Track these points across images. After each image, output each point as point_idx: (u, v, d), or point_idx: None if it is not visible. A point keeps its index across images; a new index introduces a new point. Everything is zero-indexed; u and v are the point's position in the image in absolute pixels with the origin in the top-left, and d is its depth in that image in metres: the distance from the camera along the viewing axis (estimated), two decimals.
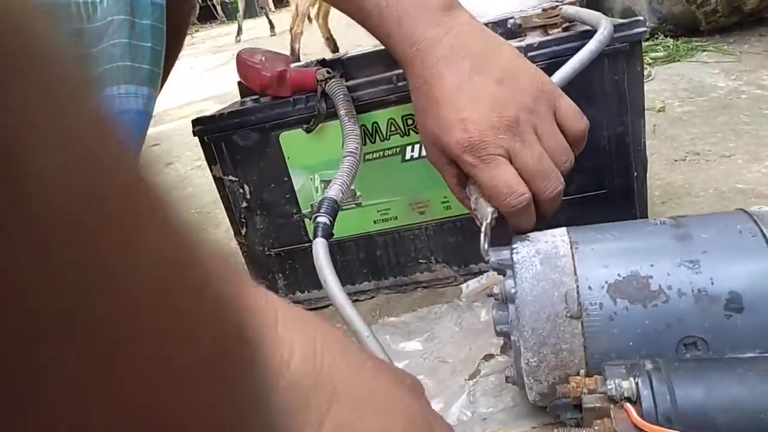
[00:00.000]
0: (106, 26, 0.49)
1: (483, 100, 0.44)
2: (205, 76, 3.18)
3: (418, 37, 0.46)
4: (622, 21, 0.53)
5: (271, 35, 4.79)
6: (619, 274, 0.37)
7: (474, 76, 0.45)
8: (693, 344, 0.35)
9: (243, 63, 0.59)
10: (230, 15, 7.01)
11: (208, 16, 6.99)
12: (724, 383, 0.31)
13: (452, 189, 0.50)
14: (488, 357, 0.50)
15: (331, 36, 2.60)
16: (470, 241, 0.62)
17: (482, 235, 0.43)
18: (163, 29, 0.53)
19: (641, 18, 0.54)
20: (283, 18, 6.17)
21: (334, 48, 2.29)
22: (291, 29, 2.55)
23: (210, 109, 2.07)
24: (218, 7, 7.01)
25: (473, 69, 0.45)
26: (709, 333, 0.35)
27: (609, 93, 0.55)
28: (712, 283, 0.35)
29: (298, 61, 0.70)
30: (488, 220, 0.43)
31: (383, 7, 0.47)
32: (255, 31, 5.39)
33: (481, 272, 0.63)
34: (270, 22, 5.01)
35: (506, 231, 0.45)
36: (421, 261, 0.64)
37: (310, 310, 0.67)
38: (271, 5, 7.34)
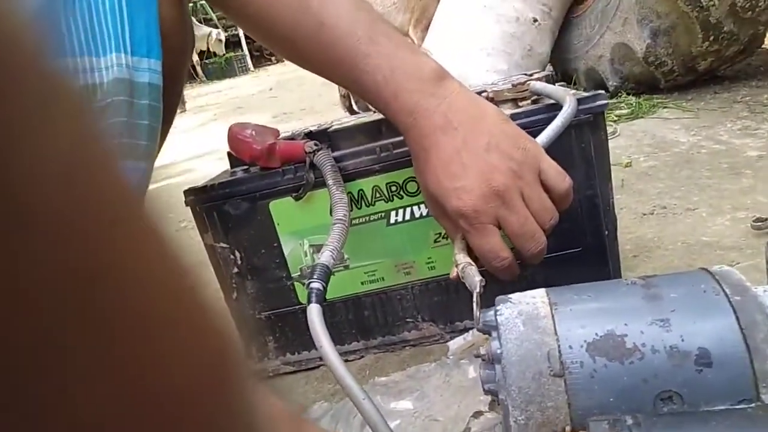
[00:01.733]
0: (107, 106, 0.52)
1: (474, 169, 0.49)
2: (187, 136, 3.22)
3: (414, 108, 0.51)
4: (585, 95, 0.58)
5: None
6: (596, 333, 0.40)
7: (467, 144, 0.49)
8: (669, 398, 0.37)
9: (234, 137, 0.62)
10: (210, 75, 7.16)
11: (188, 77, 7.14)
12: None
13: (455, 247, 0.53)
14: (477, 414, 0.51)
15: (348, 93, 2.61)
16: (455, 299, 0.65)
17: (474, 305, 0.46)
18: (160, 108, 0.56)
19: (602, 92, 0.59)
20: (261, 77, 6.33)
21: (350, 105, 2.29)
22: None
23: (193, 168, 2.10)
24: (198, 68, 7.16)
25: (464, 138, 0.49)
26: (683, 387, 0.37)
27: (577, 160, 0.59)
28: (683, 340, 0.38)
29: (351, 107, 0.73)
30: (478, 289, 0.46)
31: (380, 83, 0.51)
32: (235, 90, 5.50)
33: (466, 329, 0.65)
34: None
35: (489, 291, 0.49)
36: (408, 320, 0.66)
37: (301, 371, 0.68)
38: (251, 65, 7.54)
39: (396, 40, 0.53)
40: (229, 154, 0.67)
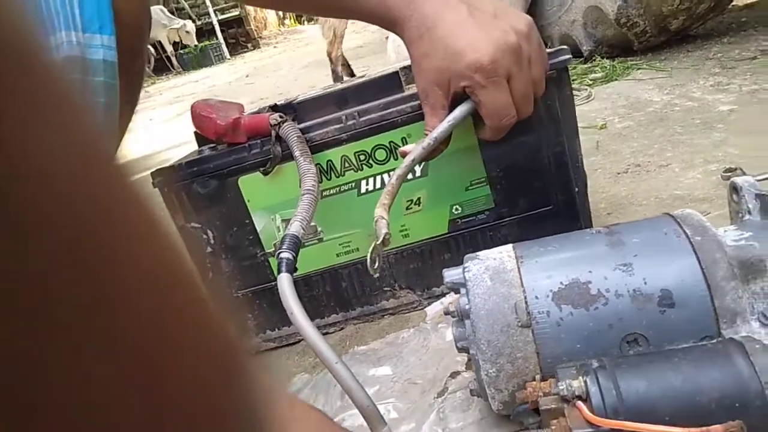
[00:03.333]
0: None
1: (487, 28, 0.50)
2: (164, 126, 3.18)
3: None
4: (548, 50, 0.57)
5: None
6: (561, 283, 0.40)
7: (473, 13, 0.51)
8: (634, 341, 0.38)
9: (197, 114, 0.61)
10: (186, 65, 7.05)
11: (163, 69, 7.02)
12: (662, 373, 0.34)
13: (431, 124, 0.53)
14: (455, 374, 0.52)
15: (347, 61, 2.55)
16: (430, 265, 0.65)
17: (369, 253, 0.46)
18: (116, 84, 0.55)
19: (565, 47, 0.58)
20: (238, 65, 6.24)
21: (350, 73, 2.23)
22: (329, 54, 2.45)
23: (172, 157, 2.08)
24: (173, 59, 7.05)
25: (470, 9, 0.51)
26: (647, 329, 0.38)
27: (544, 117, 0.59)
28: (645, 283, 0.38)
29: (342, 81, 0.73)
30: (381, 240, 0.47)
31: None
32: (211, 79, 5.43)
33: (443, 294, 0.65)
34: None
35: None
36: (385, 289, 0.66)
37: (281, 347, 0.68)
38: (227, 54, 7.43)
39: None
40: (195, 133, 0.66)
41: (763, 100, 1.07)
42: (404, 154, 0.54)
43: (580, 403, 0.35)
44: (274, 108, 0.62)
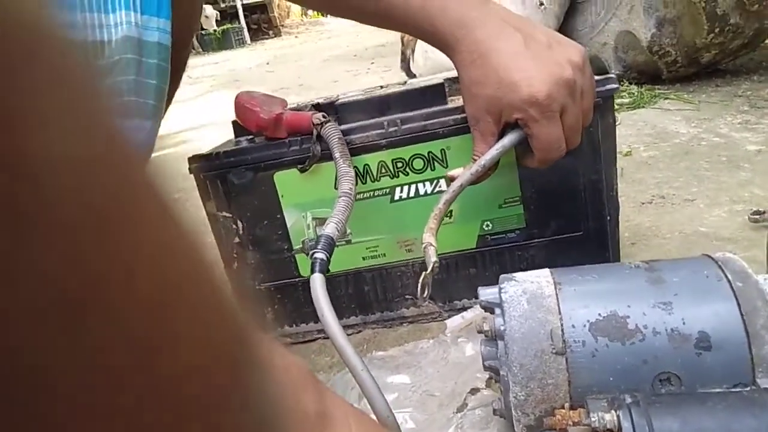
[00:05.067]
0: (115, 63, 0.51)
1: (543, 60, 0.50)
2: (183, 107, 3.19)
3: (465, 21, 0.52)
4: (596, 78, 0.58)
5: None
6: (599, 314, 0.40)
7: (528, 43, 0.51)
8: (667, 380, 0.38)
9: (241, 105, 0.62)
10: (206, 46, 7.06)
11: None
12: (697, 416, 0.34)
13: (480, 150, 0.54)
14: (474, 391, 0.52)
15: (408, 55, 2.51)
16: (454, 278, 0.65)
17: (420, 282, 0.47)
18: (168, 69, 0.55)
19: (613, 75, 0.59)
20: (258, 51, 6.25)
21: (408, 68, 2.19)
22: (402, 36, 2.43)
23: (190, 139, 2.09)
24: (194, 40, 7.06)
25: (525, 39, 0.51)
26: (681, 369, 0.38)
27: (584, 143, 0.59)
28: (684, 323, 0.39)
29: (410, 69, 0.74)
30: (429, 270, 0.47)
31: (426, 2, 0.53)
32: (231, 63, 5.44)
33: (464, 308, 0.65)
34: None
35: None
36: (407, 297, 0.67)
37: (298, 343, 0.69)
38: (248, 39, 7.44)
39: None
40: (234, 122, 0.67)
41: None
42: (452, 179, 0.54)
43: None
44: (317, 107, 0.63)
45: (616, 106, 1.52)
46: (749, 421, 0.33)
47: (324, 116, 0.60)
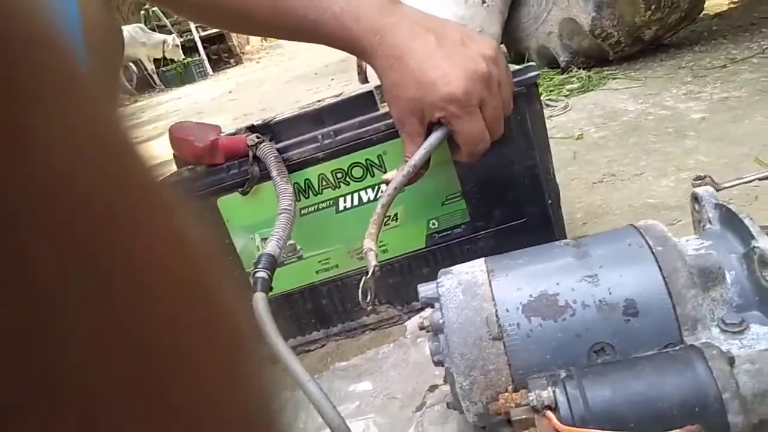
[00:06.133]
0: None
1: (456, 58, 0.51)
2: (146, 145, 3.16)
3: (378, 27, 0.53)
4: (517, 67, 0.59)
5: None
6: (530, 295, 0.41)
7: (441, 42, 0.52)
8: (601, 350, 0.39)
9: (175, 136, 0.62)
10: (169, 83, 7.04)
11: (145, 86, 7.01)
12: (626, 381, 0.35)
13: (409, 151, 0.55)
14: (433, 388, 0.52)
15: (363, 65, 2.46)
16: (409, 279, 0.66)
17: (361, 286, 0.47)
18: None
19: (533, 63, 0.60)
20: (221, 81, 6.25)
21: (365, 80, 2.17)
22: None
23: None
24: (155, 77, 7.04)
25: (437, 38, 0.52)
26: (613, 338, 0.39)
27: (515, 132, 0.61)
28: (610, 293, 0.40)
29: (366, 80, 0.75)
30: (370, 273, 0.47)
31: (339, 14, 0.54)
32: (194, 96, 5.43)
33: (423, 309, 0.66)
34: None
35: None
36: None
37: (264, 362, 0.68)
38: (210, 70, 7.43)
39: None
40: (174, 155, 0.67)
41: (732, 108, 1.10)
42: (386, 182, 0.55)
43: (549, 413, 0.36)
44: (251, 129, 0.63)
45: (566, 92, 1.55)
46: (674, 378, 0.34)
47: (258, 137, 0.61)
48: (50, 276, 0.08)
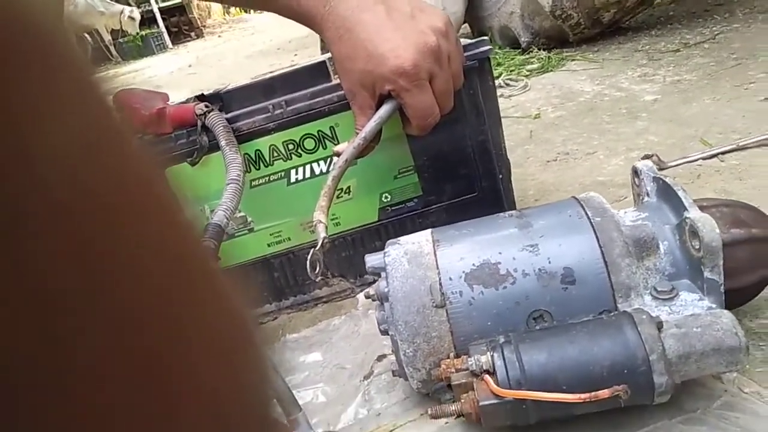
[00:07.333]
0: None
1: (406, 30, 0.50)
2: None
3: None
4: (469, 41, 0.59)
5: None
6: (473, 264, 0.42)
7: (391, 14, 0.51)
8: (540, 317, 0.40)
9: (121, 104, 0.60)
10: (126, 55, 6.79)
11: (101, 58, 6.74)
12: (561, 346, 0.36)
13: (360, 123, 0.54)
14: (381, 357, 0.53)
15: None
16: (361, 253, 0.66)
17: (310, 257, 0.47)
18: None
19: (485, 38, 0.60)
20: (181, 54, 6.07)
21: None
22: None
23: None
24: (111, 48, 6.77)
25: (387, 10, 0.51)
26: (551, 305, 0.40)
27: (467, 107, 0.61)
28: (549, 262, 0.41)
29: None
30: (318, 246, 0.47)
31: None
32: (153, 69, 5.26)
33: (375, 281, 0.66)
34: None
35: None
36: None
37: None
38: (169, 43, 7.20)
39: None
40: None
41: (683, 90, 1.13)
42: (338, 154, 0.55)
43: (486, 377, 0.37)
44: (201, 98, 0.62)
45: (526, 72, 1.57)
46: (606, 342, 0.35)
47: (207, 106, 0.59)
48: (51, 259, 0.08)
